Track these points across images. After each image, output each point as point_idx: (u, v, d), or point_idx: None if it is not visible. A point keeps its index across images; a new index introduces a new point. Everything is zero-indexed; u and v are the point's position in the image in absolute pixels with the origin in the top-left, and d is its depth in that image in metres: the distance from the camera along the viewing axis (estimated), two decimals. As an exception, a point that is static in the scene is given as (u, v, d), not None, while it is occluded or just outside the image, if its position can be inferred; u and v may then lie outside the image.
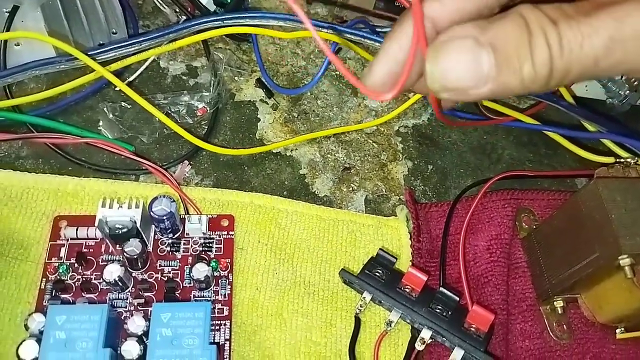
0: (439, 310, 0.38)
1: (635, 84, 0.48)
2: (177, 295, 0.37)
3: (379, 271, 0.39)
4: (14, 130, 0.43)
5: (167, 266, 0.38)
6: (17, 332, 0.35)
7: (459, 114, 0.50)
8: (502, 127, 0.51)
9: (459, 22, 0.20)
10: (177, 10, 0.50)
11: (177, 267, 0.38)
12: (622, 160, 0.42)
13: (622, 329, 0.40)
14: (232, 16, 0.44)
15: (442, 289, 0.39)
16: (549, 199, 0.46)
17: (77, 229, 0.38)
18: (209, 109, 0.46)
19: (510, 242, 0.43)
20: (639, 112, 0.51)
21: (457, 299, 0.38)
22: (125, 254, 0.36)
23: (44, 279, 0.37)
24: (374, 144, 0.48)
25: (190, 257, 0.39)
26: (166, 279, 0.38)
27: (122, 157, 0.43)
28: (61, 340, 0.32)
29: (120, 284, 0.36)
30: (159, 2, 0.51)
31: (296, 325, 0.39)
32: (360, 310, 0.39)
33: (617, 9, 0.18)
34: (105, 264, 0.37)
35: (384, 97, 0.20)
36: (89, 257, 0.38)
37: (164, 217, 0.37)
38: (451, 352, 0.37)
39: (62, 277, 0.37)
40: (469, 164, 0.49)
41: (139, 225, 0.36)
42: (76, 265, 0.37)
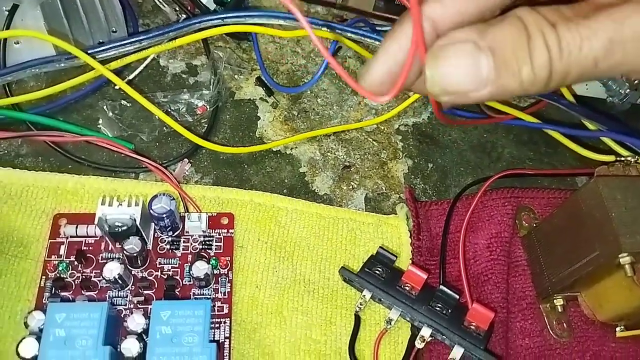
0: (439, 308, 0.38)
1: (635, 82, 0.48)
2: (177, 293, 0.37)
3: (379, 269, 0.39)
4: (14, 128, 0.43)
5: (166, 264, 0.38)
6: (17, 329, 0.35)
7: (459, 113, 0.50)
8: (502, 126, 0.51)
9: (460, 24, 0.20)
10: (177, 8, 0.50)
11: (177, 265, 0.38)
12: (622, 158, 0.42)
13: (622, 327, 0.40)
14: (232, 15, 0.44)
15: (442, 287, 0.39)
16: (549, 197, 0.46)
17: (76, 227, 0.38)
18: (208, 107, 0.46)
19: (510, 241, 0.43)
20: (639, 111, 0.51)
21: (457, 297, 0.38)
22: (125, 251, 0.36)
23: (44, 277, 0.37)
24: (374, 142, 0.48)
25: (190, 255, 0.39)
26: (166, 277, 0.38)
27: (122, 155, 0.43)
28: (61, 338, 0.32)
29: (120, 282, 0.36)
30: (159, 1, 0.51)
31: (296, 323, 0.39)
32: (360, 308, 0.39)
33: (616, 10, 0.18)
34: (105, 261, 0.37)
35: (382, 99, 0.20)
36: (88, 254, 0.38)
37: (164, 215, 0.37)
38: (451, 350, 0.37)
39: (62, 275, 0.37)
40: (469, 162, 0.49)
41: (138, 223, 0.36)
42: (76, 263, 0.37)
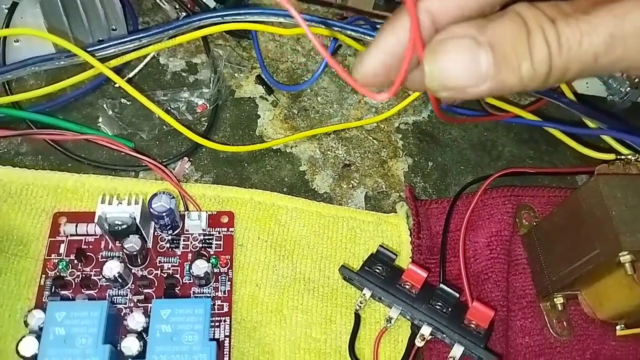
0: (439, 306, 0.38)
1: (636, 80, 0.48)
2: (177, 291, 0.37)
3: (379, 268, 0.39)
4: (14, 126, 0.43)
5: (166, 263, 0.38)
6: (17, 328, 0.35)
7: (459, 111, 0.50)
8: (502, 124, 0.51)
9: (460, 19, 0.20)
10: (177, 6, 0.50)
11: (177, 264, 0.38)
12: (622, 157, 0.42)
13: (622, 326, 0.40)
14: (232, 13, 0.44)
15: (442, 285, 0.39)
16: (549, 195, 0.46)
17: (76, 226, 0.38)
18: (208, 105, 0.46)
19: (510, 239, 0.43)
20: (639, 109, 0.51)
21: (457, 295, 0.38)
22: (124, 250, 0.36)
23: (44, 276, 0.37)
24: (374, 141, 0.48)
25: (190, 254, 0.39)
26: (166, 276, 0.38)
27: (122, 153, 0.43)
28: (61, 336, 0.32)
29: (119, 281, 0.36)
30: (159, -1, 0.51)
31: (296, 321, 0.39)
32: (360, 306, 0.39)
33: (616, 6, 0.18)
34: (104, 260, 0.37)
35: (380, 96, 0.20)
36: (88, 253, 0.38)
37: (164, 214, 0.37)
38: (451, 349, 0.37)
39: (62, 274, 0.37)
40: (469, 160, 0.49)
41: (138, 221, 0.36)
42: (76, 261, 0.37)
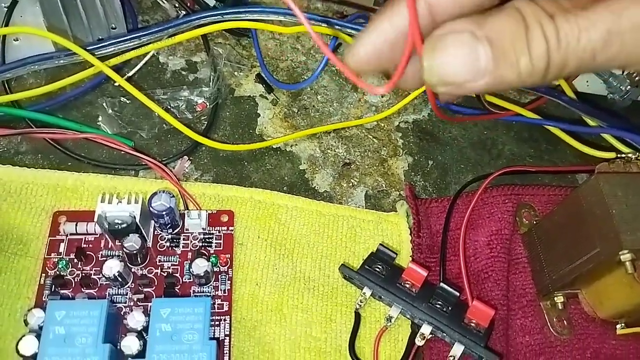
0: (439, 305, 0.38)
1: (636, 79, 0.48)
2: (177, 290, 0.37)
3: (379, 267, 0.39)
4: (13, 125, 0.43)
5: (166, 261, 0.38)
6: (17, 327, 0.35)
7: (459, 109, 0.50)
8: (502, 123, 0.51)
9: (459, 13, 0.20)
10: (177, 5, 0.50)
11: (177, 263, 0.38)
12: (623, 155, 0.42)
13: (623, 325, 0.40)
14: (231, 11, 0.44)
15: (442, 284, 0.39)
16: (549, 194, 0.46)
17: (76, 225, 0.38)
18: (208, 104, 0.46)
19: (510, 238, 0.43)
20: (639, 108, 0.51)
21: (457, 294, 0.38)
22: (124, 249, 0.36)
23: (44, 275, 0.37)
24: (374, 140, 0.48)
25: (189, 253, 0.39)
26: (166, 275, 0.38)
27: (122, 152, 0.43)
28: (61, 335, 0.32)
29: (119, 280, 0.36)
30: (159, -3, 0.51)
31: (296, 320, 0.39)
32: (360, 305, 0.39)
33: (614, 2, 0.18)
34: (104, 259, 0.37)
35: (378, 90, 0.20)
36: (88, 252, 0.38)
37: (164, 213, 0.37)
38: (451, 348, 0.37)
39: (62, 273, 0.37)
40: (469, 159, 0.49)
41: (138, 220, 0.36)
42: (75, 260, 0.37)
